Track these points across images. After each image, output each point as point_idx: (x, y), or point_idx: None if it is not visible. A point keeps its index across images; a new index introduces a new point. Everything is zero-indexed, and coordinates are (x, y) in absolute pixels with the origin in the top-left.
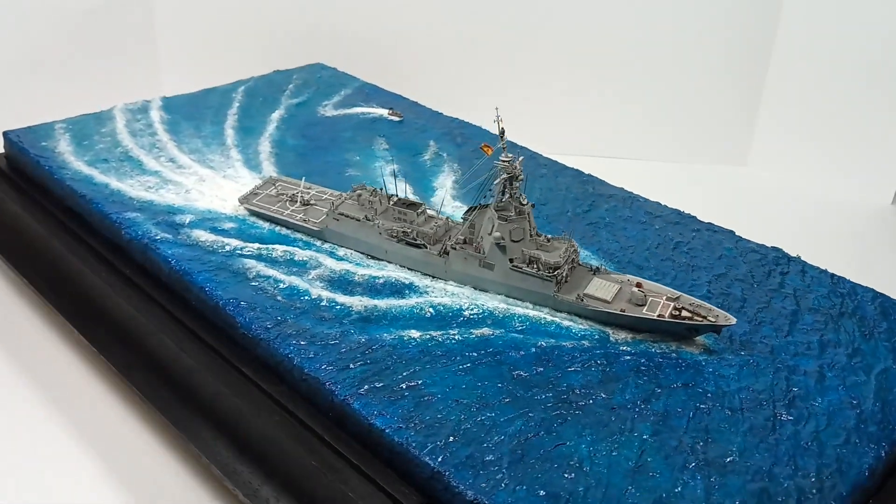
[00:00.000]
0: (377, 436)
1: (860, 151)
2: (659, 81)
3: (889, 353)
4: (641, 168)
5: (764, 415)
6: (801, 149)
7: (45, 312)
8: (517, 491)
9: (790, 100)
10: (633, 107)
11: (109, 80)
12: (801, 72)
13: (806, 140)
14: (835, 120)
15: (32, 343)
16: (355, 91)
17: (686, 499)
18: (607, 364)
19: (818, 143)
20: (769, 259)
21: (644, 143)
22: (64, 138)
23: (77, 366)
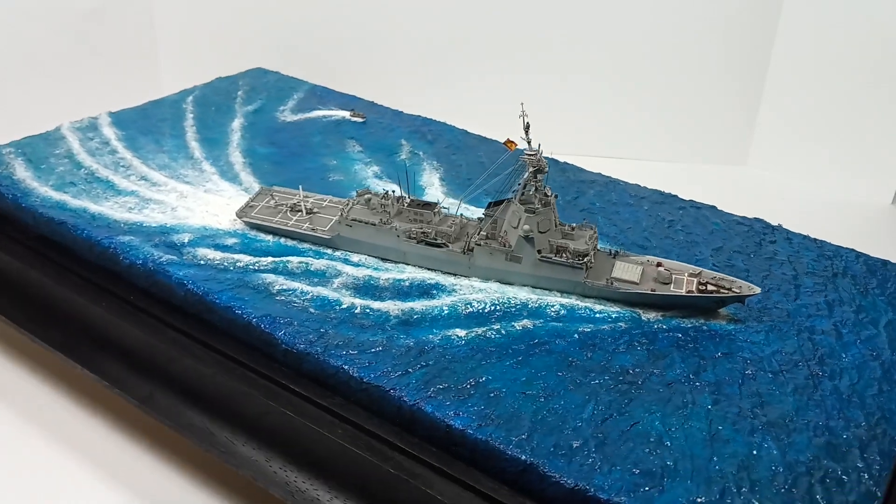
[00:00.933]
0: (457, 436)
1: (860, 151)
2: (659, 81)
3: (888, 307)
4: (641, 168)
5: (802, 374)
6: (801, 149)
7: (33, 353)
8: (612, 472)
9: (790, 100)
10: (633, 107)
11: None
12: (801, 72)
13: (806, 140)
14: (835, 120)
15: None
16: (307, 94)
17: (765, 460)
18: (649, 343)
19: (818, 143)
20: (756, 230)
21: (644, 143)
22: (17, 163)
23: (85, 404)
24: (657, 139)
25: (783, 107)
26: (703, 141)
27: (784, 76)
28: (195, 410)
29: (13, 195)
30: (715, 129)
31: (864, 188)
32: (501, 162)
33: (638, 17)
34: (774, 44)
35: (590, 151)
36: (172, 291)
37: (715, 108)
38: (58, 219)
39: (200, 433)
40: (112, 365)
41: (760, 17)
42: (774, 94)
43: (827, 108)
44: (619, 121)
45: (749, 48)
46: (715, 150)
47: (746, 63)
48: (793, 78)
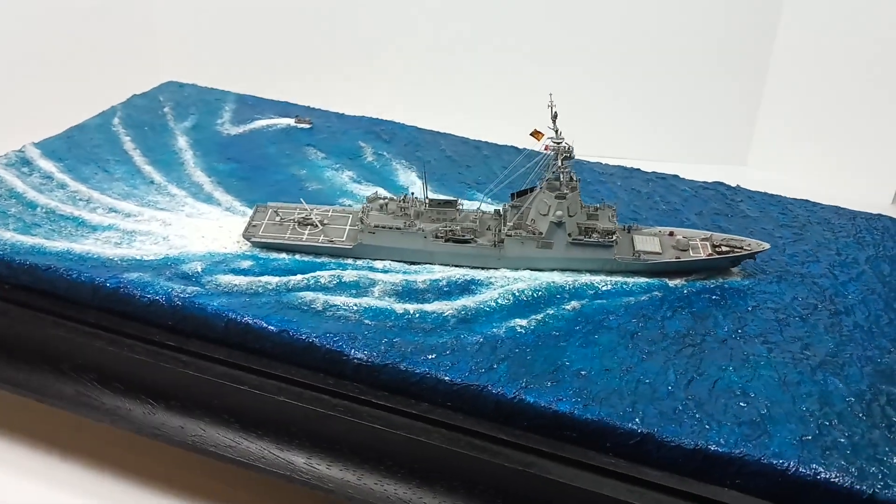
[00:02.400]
0: (565, 420)
1: (860, 151)
2: (658, 82)
3: (857, 245)
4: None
5: (824, 315)
6: (801, 149)
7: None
8: (721, 428)
9: (790, 100)
10: (633, 107)
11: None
12: (801, 72)
13: (806, 140)
14: (835, 120)
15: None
16: (239, 105)
17: (835, 395)
18: (688, 306)
19: (818, 144)
20: (721, 192)
21: (644, 143)
22: None
23: (150, 471)
24: (657, 139)
25: (783, 107)
26: (704, 141)
27: (784, 77)
28: (266, 442)
29: None
30: (715, 130)
31: (864, 188)
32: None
33: (637, 18)
34: (774, 44)
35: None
36: (209, 324)
37: (715, 108)
38: (42, 265)
39: (282, 465)
40: (159, 413)
41: (760, 17)
42: (774, 95)
43: (827, 109)
44: (618, 121)
45: (749, 49)
46: (715, 151)
47: (746, 63)
48: (793, 78)
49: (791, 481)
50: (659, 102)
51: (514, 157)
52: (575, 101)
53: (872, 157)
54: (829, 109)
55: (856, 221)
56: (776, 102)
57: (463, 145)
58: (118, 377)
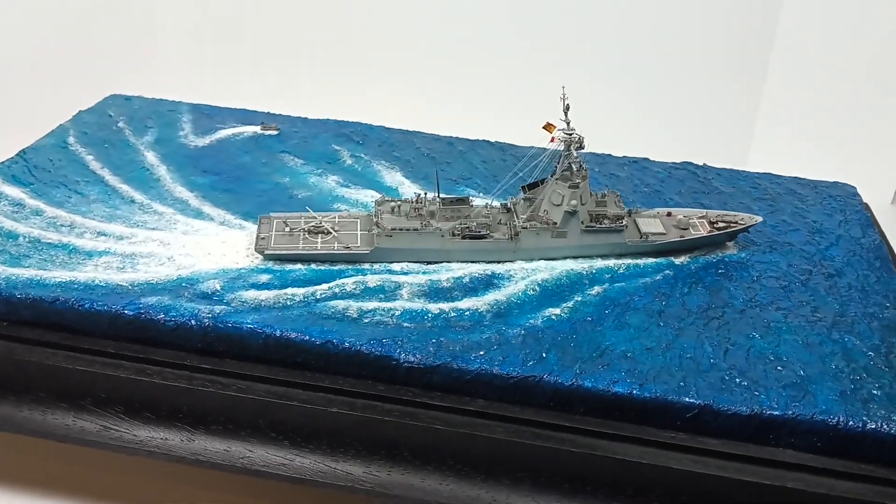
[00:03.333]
0: (625, 401)
1: (860, 151)
2: (658, 83)
3: (826, 213)
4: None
5: (820, 279)
6: (801, 149)
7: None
8: (769, 393)
9: (790, 100)
10: (633, 108)
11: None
12: (801, 72)
13: (806, 140)
14: (835, 120)
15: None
16: (196, 115)
17: (856, 351)
18: (700, 281)
19: (818, 144)
20: (692, 171)
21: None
22: None
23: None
24: (657, 140)
25: (783, 107)
26: (704, 141)
27: (784, 77)
28: (321, 455)
29: None
30: (715, 130)
31: (864, 188)
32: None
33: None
34: (774, 45)
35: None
36: (246, 341)
37: (715, 108)
38: (47, 297)
39: (341, 477)
40: (199, 439)
41: (760, 17)
42: (774, 95)
43: (827, 109)
44: (618, 122)
45: (749, 49)
46: (715, 151)
47: (746, 64)
48: (793, 78)
49: (842, 435)
50: (658, 103)
51: (488, 151)
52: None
53: (872, 156)
54: (829, 109)
55: (818, 190)
56: (776, 102)
57: (436, 142)
58: (148, 406)
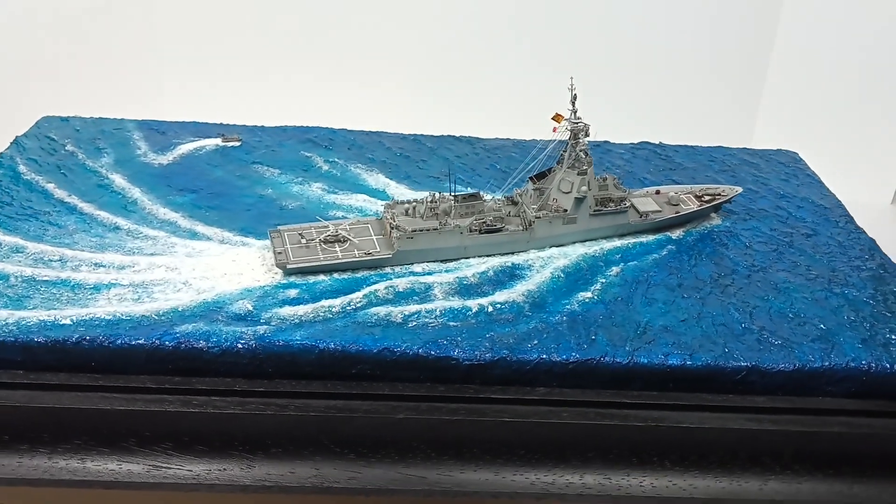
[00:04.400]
0: (678, 372)
1: (860, 151)
2: (658, 83)
3: (782, 179)
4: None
5: (801, 239)
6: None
7: None
8: (802, 347)
9: (790, 100)
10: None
11: None
12: (801, 72)
13: (805, 140)
14: (834, 120)
15: None
16: (146, 131)
17: (857, 300)
18: (700, 253)
19: (818, 143)
20: (653, 151)
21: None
22: None
23: None
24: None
25: (783, 107)
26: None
27: (784, 76)
28: (391, 463)
29: None
30: (715, 130)
31: (864, 188)
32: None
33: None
34: (774, 44)
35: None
36: (298, 359)
37: (715, 107)
38: (70, 338)
39: (415, 482)
40: (260, 464)
41: (760, 16)
42: (774, 95)
43: (826, 109)
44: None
45: (748, 49)
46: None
47: (746, 63)
48: (792, 78)
49: (873, 378)
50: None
51: (457, 145)
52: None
53: (872, 156)
54: (829, 109)
55: (767, 159)
56: (776, 102)
57: (404, 141)
58: (200, 439)
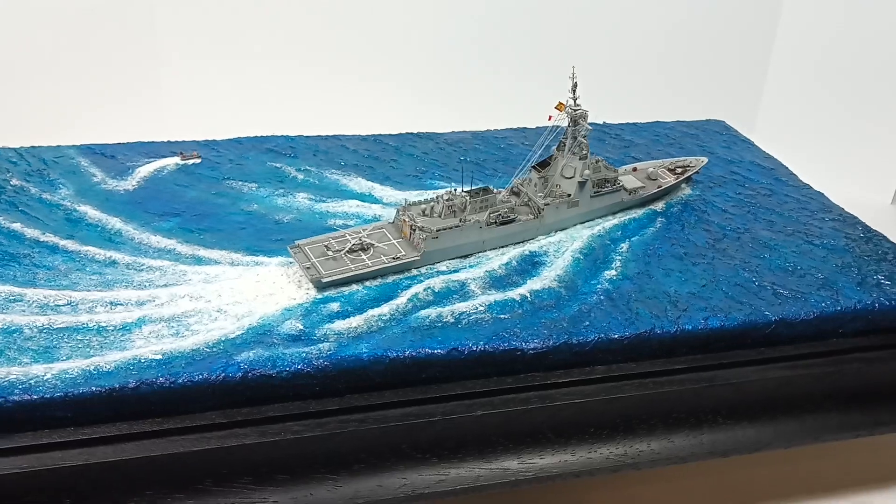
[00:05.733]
0: (716, 334)
1: (860, 151)
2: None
3: (721, 146)
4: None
5: (764, 200)
6: (800, 149)
7: None
8: (812, 295)
9: (790, 99)
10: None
11: None
12: (801, 72)
13: (806, 140)
14: (835, 120)
15: None
16: (93, 156)
17: (840, 249)
18: (687, 222)
19: (818, 143)
20: (602, 131)
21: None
22: None
23: None
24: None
25: (783, 107)
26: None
27: (784, 76)
28: (473, 460)
29: (13, 395)
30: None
31: (864, 188)
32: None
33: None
34: (774, 44)
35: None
36: (368, 372)
37: (715, 108)
38: (128, 384)
39: (498, 475)
40: (346, 483)
41: (760, 16)
42: (774, 95)
43: (826, 109)
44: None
45: (748, 49)
46: None
47: (746, 64)
48: (792, 78)
49: (879, 314)
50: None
51: (420, 142)
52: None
53: (872, 156)
54: (829, 109)
55: (703, 129)
56: (776, 102)
57: (364, 142)
58: (280, 468)
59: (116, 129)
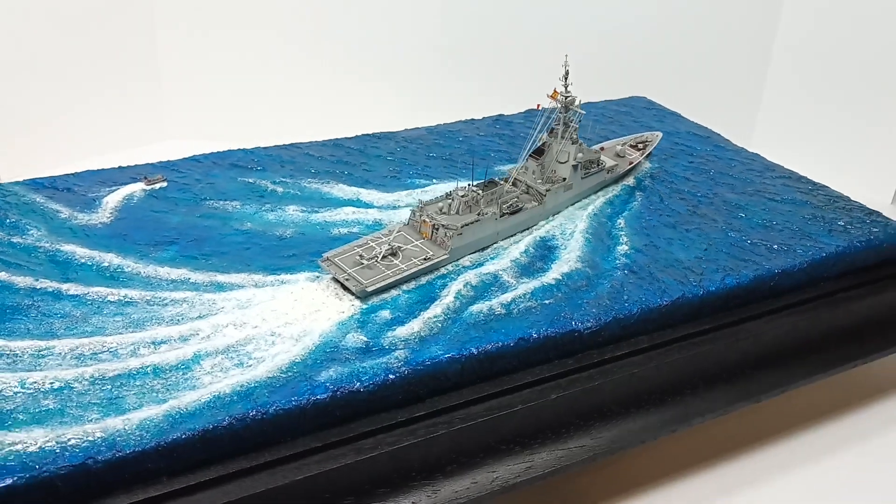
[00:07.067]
0: (733, 292)
1: (860, 151)
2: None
3: (655, 120)
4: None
5: (714, 166)
6: (800, 149)
7: None
8: (798, 247)
9: (790, 100)
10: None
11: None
12: (801, 72)
13: (806, 140)
14: (835, 120)
15: None
16: (46, 192)
17: (798, 202)
18: (662, 193)
19: (818, 143)
20: (546, 118)
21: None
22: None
23: None
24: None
25: (783, 107)
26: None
27: (784, 77)
28: (552, 443)
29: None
30: (715, 129)
31: (864, 188)
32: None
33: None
34: (774, 44)
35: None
36: (447, 373)
37: (715, 107)
38: (218, 422)
39: (577, 453)
40: (442, 486)
41: (760, 17)
42: (774, 95)
43: (826, 109)
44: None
45: (748, 49)
46: None
47: (746, 64)
48: (792, 78)
49: (853, 256)
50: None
51: (379, 143)
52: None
53: (872, 156)
54: (829, 109)
55: (630, 106)
56: (776, 103)
57: (325, 148)
58: (380, 482)
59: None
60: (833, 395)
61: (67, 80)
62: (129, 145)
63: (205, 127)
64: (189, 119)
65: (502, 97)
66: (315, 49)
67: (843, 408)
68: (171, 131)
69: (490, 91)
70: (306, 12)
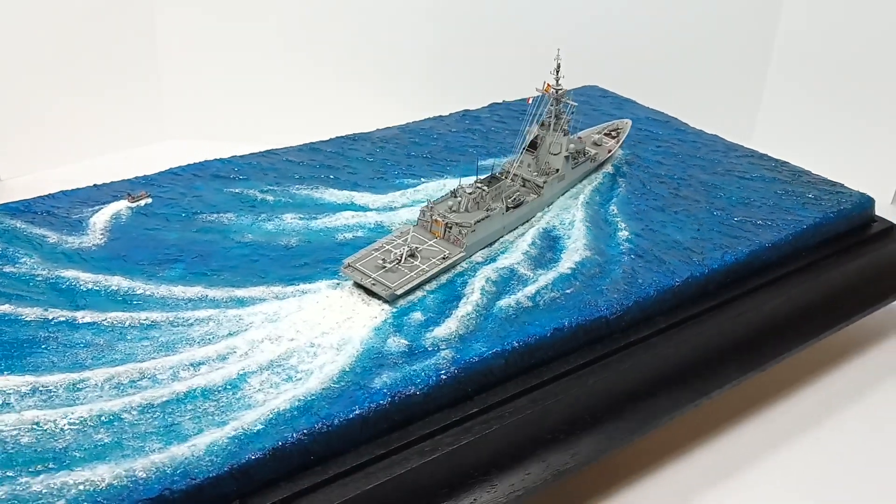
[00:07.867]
0: (732, 269)
1: (860, 151)
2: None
3: (613, 108)
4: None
5: (682, 148)
6: (800, 149)
7: None
8: (783, 221)
9: (790, 99)
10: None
11: None
12: (801, 72)
13: (806, 140)
14: (835, 119)
15: None
16: (26, 216)
17: (768, 178)
18: (640, 178)
19: (818, 143)
20: (508, 110)
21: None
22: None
23: None
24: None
25: (783, 107)
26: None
27: (784, 76)
28: (602, 425)
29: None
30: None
31: (863, 188)
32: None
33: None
34: (774, 44)
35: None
36: (492, 369)
37: (714, 107)
38: (289, 438)
39: (623, 431)
40: (499, 483)
41: (760, 17)
42: (774, 95)
43: (826, 109)
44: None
45: (749, 49)
46: None
47: (746, 64)
48: (793, 78)
49: (827, 226)
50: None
51: (354, 145)
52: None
53: (872, 156)
54: (829, 109)
55: (590, 97)
56: (776, 102)
57: (302, 153)
58: (441, 484)
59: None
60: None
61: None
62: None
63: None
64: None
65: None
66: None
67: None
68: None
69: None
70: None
